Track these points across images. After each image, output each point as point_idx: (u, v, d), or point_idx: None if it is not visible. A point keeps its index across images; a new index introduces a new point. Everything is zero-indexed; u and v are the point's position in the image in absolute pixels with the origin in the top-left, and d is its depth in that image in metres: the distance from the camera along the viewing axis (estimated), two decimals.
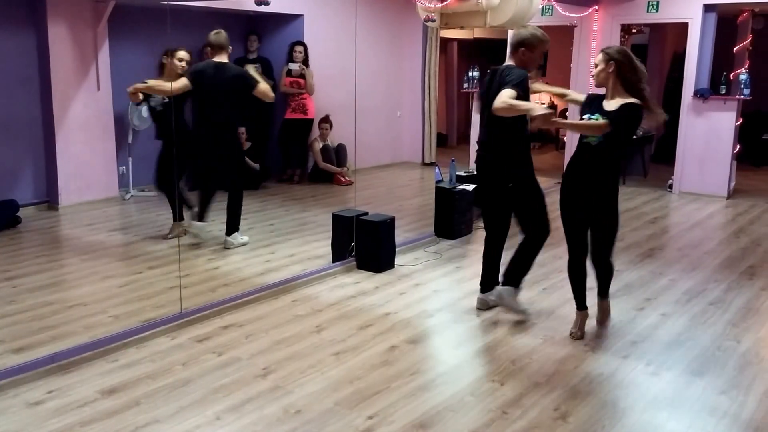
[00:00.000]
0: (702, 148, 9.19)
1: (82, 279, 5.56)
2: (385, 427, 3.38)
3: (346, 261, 5.85)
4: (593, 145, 4.30)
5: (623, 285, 5.55)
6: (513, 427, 3.41)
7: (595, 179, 4.34)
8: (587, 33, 9.81)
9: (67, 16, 7.62)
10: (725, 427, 3.46)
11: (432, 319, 4.81)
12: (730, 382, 3.92)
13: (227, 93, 6.12)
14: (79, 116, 7.89)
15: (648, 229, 7.46)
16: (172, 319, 4.54)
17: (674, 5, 9.16)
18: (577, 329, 4.53)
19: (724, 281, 5.70)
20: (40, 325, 4.57)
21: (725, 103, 9.00)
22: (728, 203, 8.87)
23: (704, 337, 4.56)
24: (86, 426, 3.35)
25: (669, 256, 6.43)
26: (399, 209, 7.73)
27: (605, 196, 4.36)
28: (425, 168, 11.23)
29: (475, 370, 4.09)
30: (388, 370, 4.00)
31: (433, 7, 6.37)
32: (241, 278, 5.57)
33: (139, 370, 3.95)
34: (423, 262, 6.09)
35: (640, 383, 3.89)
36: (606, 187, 4.36)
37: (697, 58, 9.09)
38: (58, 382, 3.79)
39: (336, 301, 5.10)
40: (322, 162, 9.72)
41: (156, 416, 3.45)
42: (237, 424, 3.40)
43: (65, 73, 7.70)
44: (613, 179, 4.39)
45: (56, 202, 7.79)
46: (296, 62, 9.35)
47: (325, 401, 3.63)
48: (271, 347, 4.29)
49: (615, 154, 4.34)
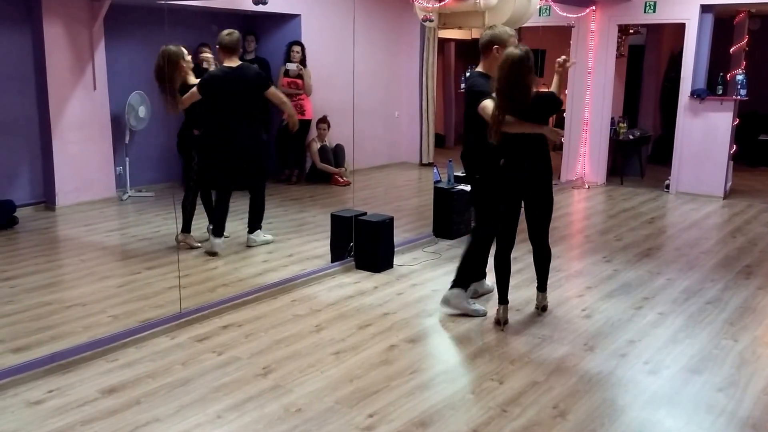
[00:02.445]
0: (699, 148, 9.21)
1: (80, 279, 5.56)
2: (385, 426, 3.39)
3: (344, 261, 5.86)
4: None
5: (621, 284, 5.57)
6: (512, 425, 3.42)
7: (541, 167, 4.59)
8: (585, 33, 9.83)
9: (63, 15, 7.62)
10: (722, 424, 3.47)
11: (431, 319, 4.82)
12: (728, 379, 3.94)
13: (248, 93, 6.11)
14: (76, 116, 7.89)
15: (645, 229, 7.48)
16: (171, 319, 4.54)
17: (671, 6, 9.19)
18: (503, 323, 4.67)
19: (721, 280, 5.72)
20: (38, 325, 4.57)
21: (722, 104, 9.02)
22: (725, 203, 8.90)
23: (702, 335, 4.58)
24: (87, 425, 3.36)
25: (666, 256, 6.45)
26: (397, 209, 7.75)
27: (547, 181, 4.62)
28: (423, 168, 11.25)
29: (474, 369, 4.10)
30: (387, 369, 4.01)
31: (431, 7, 6.38)
32: (239, 278, 5.57)
33: (139, 369, 3.95)
34: (422, 262, 6.10)
35: (638, 381, 3.91)
36: (548, 172, 4.63)
37: (694, 58, 9.12)
38: (58, 381, 3.79)
39: (335, 301, 5.11)
40: (319, 162, 9.72)
41: (156, 415, 3.46)
42: (238, 422, 3.41)
43: (61, 72, 7.70)
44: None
45: (53, 203, 7.78)
46: (294, 62, 9.35)
47: (326, 400, 3.64)
48: (271, 347, 4.29)
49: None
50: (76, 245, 6.54)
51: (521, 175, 4.54)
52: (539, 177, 4.58)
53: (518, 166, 4.54)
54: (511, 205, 4.64)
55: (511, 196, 4.61)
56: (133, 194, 8.44)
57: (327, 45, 9.91)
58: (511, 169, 4.55)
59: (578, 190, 9.69)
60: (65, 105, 7.78)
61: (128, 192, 8.42)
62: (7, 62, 7.43)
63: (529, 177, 4.55)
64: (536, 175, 4.56)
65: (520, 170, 4.54)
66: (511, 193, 4.61)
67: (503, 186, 4.61)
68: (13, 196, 7.34)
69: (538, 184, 4.59)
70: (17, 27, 7.49)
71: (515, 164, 4.54)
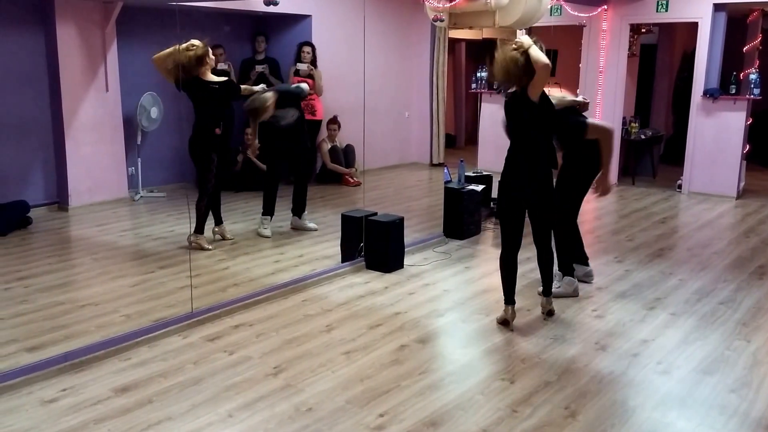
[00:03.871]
0: (711, 148, 9.17)
1: (93, 279, 5.60)
2: (395, 425, 3.40)
3: (355, 261, 5.86)
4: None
5: (633, 285, 5.56)
6: (523, 425, 3.42)
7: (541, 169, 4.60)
8: (596, 33, 9.80)
9: (76, 17, 7.67)
10: (735, 425, 3.46)
11: (441, 319, 4.82)
12: (740, 380, 3.92)
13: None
14: (89, 117, 7.94)
15: (657, 229, 7.46)
16: (183, 319, 4.56)
17: (684, 5, 9.15)
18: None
19: (733, 281, 5.69)
20: (52, 324, 4.61)
21: (735, 103, 8.98)
22: (738, 203, 8.85)
23: (714, 336, 4.56)
24: (100, 423, 3.38)
25: (678, 256, 6.42)
26: (408, 210, 7.76)
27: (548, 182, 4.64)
28: (433, 169, 11.25)
29: (485, 369, 4.10)
30: (398, 369, 4.02)
31: (441, 7, 6.38)
32: (250, 278, 5.59)
33: (151, 368, 3.98)
34: (432, 263, 6.10)
35: (650, 382, 3.90)
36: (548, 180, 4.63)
37: (706, 57, 9.08)
38: (72, 380, 3.82)
39: (346, 301, 5.12)
40: (330, 163, 9.74)
41: (168, 414, 3.48)
42: (249, 421, 3.42)
43: (74, 74, 7.75)
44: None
45: (66, 203, 7.83)
46: (304, 63, 9.35)
47: (336, 399, 3.65)
48: (282, 346, 4.31)
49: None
50: (89, 245, 6.58)
51: (520, 182, 4.54)
52: (538, 185, 4.54)
53: (518, 173, 4.54)
54: (512, 209, 4.60)
55: (510, 200, 4.59)
56: (145, 194, 8.48)
57: (337, 45, 9.92)
58: (511, 175, 4.57)
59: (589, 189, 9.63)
60: (78, 106, 7.83)
61: (140, 192, 8.47)
62: (20, 64, 7.49)
63: (527, 184, 4.53)
64: (535, 183, 4.53)
65: (520, 177, 4.54)
66: (510, 198, 4.59)
67: (502, 191, 4.63)
68: (26, 197, 7.39)
69: (537, 192, 4.55)
70: (30, 29, 7.54)
71: (515, 171, 4.56)
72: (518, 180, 4.54)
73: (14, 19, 7.41)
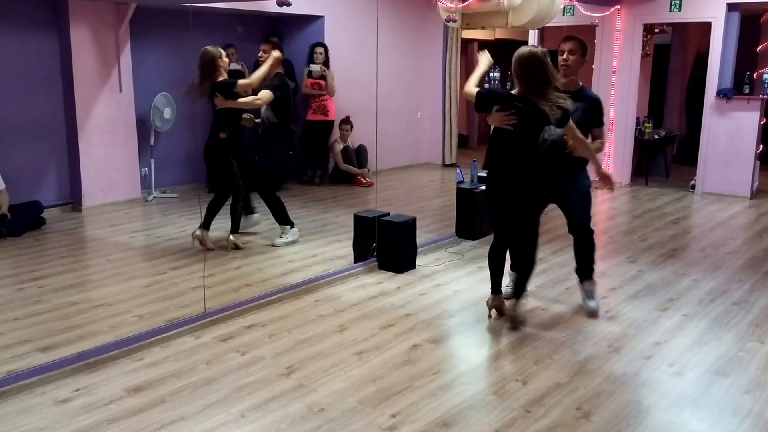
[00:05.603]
0: (725, 148, 9.12)
1: (106, 279, 5.63)
2: (408, 426, 3.40)
3: (367, 261, 5.87)
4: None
5: (646, 285, 5.53)
6: (536, 426, 3.41)
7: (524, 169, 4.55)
8: (609, 33, 9.76)
9: (89, 18, 7.71)
10: (749, 426, 3.43)
11: (453, 319, 4.82)
12: (754, 381, 3.90)
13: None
14: (102, 118, 7.98)
15: (670, 229, 7.42)
16: (196, 319, 4.58)
17: (697, 4, 9.10)
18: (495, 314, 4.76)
19: (747, 281, 5.66)
20: (66, 324, 4.63)
21: (749, 103, 8.92)
22: (751, 203, 8.79)
23: (727, 337, 4.53)
24: (113, 423, 3.39)
25: (692, 257, 6.39)
26: (420, 210, 7.75)
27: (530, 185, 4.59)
28: (446, 169, 11.23)
29: (497, 370, 4.09)
30: (410, 369, 4.02)
31: (454, 7, 6.37)
32: (263, 278, 5.61)
33: (164, 368, 3.99)
34: (444, 263, 6.09)
35: (663, 383, 3.88)
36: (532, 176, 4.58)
37: (720, 57, 9.03)
38: (85, 380, 3.84)
39: (358, 301, 5.12)
40: (342, 163, 9.74)
41: (181, 414, 3.49)
42: (261, 422, 3.43)
43: (88, 75, 7.79)
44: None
45: (80, 204, 7.88)
46: (317, 63, 9.37)
47: (349, 400, 3.65)
48: (294, 346, 4.31)
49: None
50: (103, 246, 6.61)
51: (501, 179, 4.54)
52: (521, 180, 4.49)
53: (501, 167, 4.53)
54: (502, 205, 4.59)
55: (496, 196, 4.60)
56: (158, 195, 8.52)
57: (350, 46, 9.94)
58: (496, 167, 4.57)
59: (602, 190, 9.60)
60: (91, 107, 7.87)
61: (153, 193, 8.50)
62: (34, 65, 7.54)
63: (507, 179, 4.51)
64: (517, 177, 4.49)
65: (502, 172, 4.53)
66: (496, 194, 4.59)
67: (489, 185, 4.65)
68: (40, 197, 7.44)
69: (520, 188, 4.51)
70: (44, 30, 7.59)
71: (499, 163, 4.55)
72: (503, 172, 4.54)
73: (28, 22, 7.46)
